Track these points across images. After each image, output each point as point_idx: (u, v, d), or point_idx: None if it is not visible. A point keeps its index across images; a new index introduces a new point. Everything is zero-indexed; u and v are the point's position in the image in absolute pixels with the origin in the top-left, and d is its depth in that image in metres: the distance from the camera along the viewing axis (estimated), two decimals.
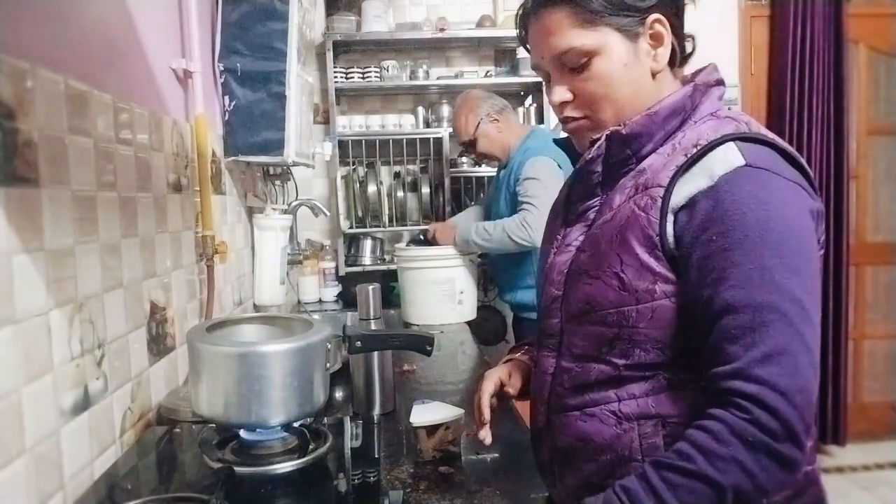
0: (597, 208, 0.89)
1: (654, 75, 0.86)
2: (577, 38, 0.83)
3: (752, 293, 0.71)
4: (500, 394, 1.03)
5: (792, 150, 0.79)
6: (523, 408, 1.06)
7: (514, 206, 2.26)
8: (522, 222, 2.15)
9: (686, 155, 0.79)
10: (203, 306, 1.70)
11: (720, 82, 0.88)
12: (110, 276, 1.16)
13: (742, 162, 0.75)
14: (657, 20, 0.84)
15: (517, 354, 1.08)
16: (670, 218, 0.77)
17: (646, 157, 0.85)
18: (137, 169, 1.30)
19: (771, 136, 0.80)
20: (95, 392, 1.09)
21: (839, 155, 3.24)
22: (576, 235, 0.91)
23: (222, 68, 1.93)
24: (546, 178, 2.17)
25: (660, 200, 0.78)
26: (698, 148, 0.78)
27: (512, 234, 2.17)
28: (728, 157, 0.76)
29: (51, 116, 0.97)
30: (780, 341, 0.69)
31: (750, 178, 0.74)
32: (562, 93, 0.88)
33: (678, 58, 0.88)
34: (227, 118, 1.95)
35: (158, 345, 1.38)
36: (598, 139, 0.86)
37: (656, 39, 0.85)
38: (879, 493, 2.93)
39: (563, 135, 0.97)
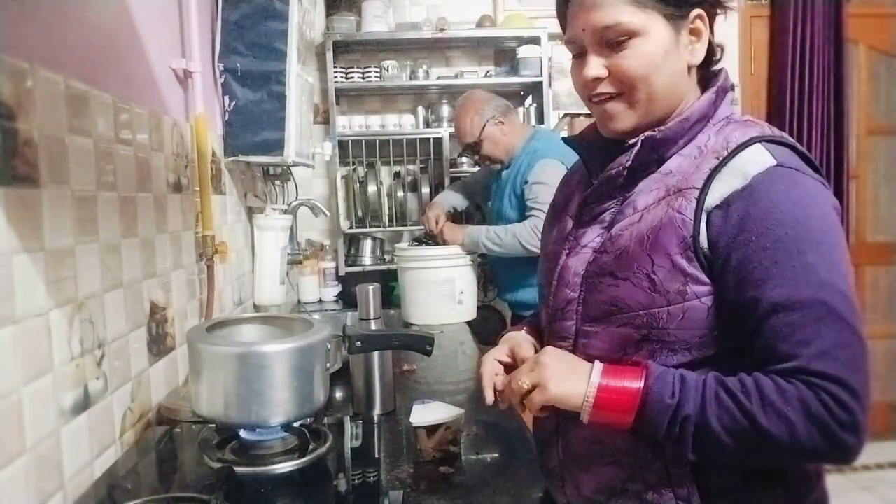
0: (614, 210, 0.88)
1: (689, 71, 0.87)
2: (626, 14, 0.81)
3: (798, 290, 0.72)
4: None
5: (806, 152, 0.82)
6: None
7: (521, 209, 2.25)
8: (534, 229, 2.13)
9: (717, 157, 0.80)
10: (203, 306, 1.70)
11: (732, 87, 0.90)
12: (110, 276, 1.16)
13: (773, 162, 0.77)
14: (699, 16, 0.84)
15: (518, 331, 1.03)
16: (704, 219, 0.78)
17: (667, 159, 0.85)
18: (137, 169, 1.30)
19: (790, 139, 0.83)
20: (95, 392, 1.09)
21: (839, 155, 3.24)
22: (592, 237, 0.89)
23: (222, 68, 1.93)
24: (554, 182, 2.15)
25: (695, 201, 0.79)
26: (728, 150, 0.80)
27: (523, 240, 2.16)
28: (759, 158, 0.78)
29: (51, 116, 0.97)
30: (835, 336, 0.71)
31: (782, 178, 0.76)
32: (598, 67, 0.85)
33: (707, 59, 0.89)
34: (227, 118, 1.95)
35: (158, 345, 1.38)
36: (634, 144, 0.85)
37: (696, 35, 0.85)
38: (880, 493, 2.93)
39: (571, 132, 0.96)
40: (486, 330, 2.83)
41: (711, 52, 0.89)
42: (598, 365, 0.80)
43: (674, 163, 0.85)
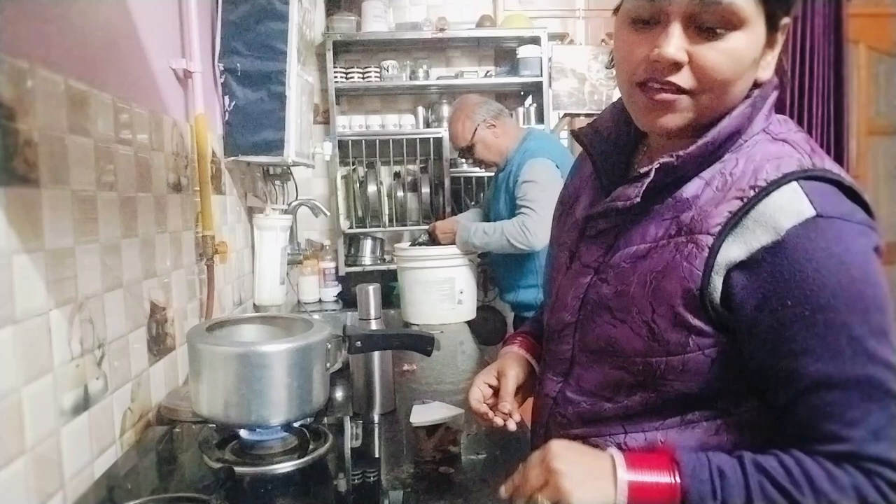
0: (616, 232, 0.80)
1: (756, 86, 0.74)
2: (741, 5, 0.67)
3: (844, 367, 0.64)
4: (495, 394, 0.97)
5: (854, 183, 0.70)
6: (524, 408, 1.06)
7: (514, 208, 2.26)
8: (522, 227, 2.15)
9: (742, 199, 0.68)
10: (203, 306, 1.70)
11: (776, 88, 0.76)
12: (110, 276, 1.16)
13: (812, 213, 0.65)
14: (786, 25, 0.72)
15: (513, 348, 1.02)
16: (719, 274, 0.69)
17: (686, 181, 0.75)
18: (137, 169, 1.30)
19: (836, 170, 0.70)
20: (95, 392, 1.09)
21: (839, 155, 3.24)
22: (595, 256, 0.82)
23: (222, 68, 1.93)
24: (544, 181, 2.17)
25: (707, 251, 0.69)
26: (757, 189, 0.68)
27: (511, 238, 2.17)
28: (795, 207, 0.66)
29: (51, 116, 0.97)
30: (885, 415, 0.64)
31: (823, 233, 0.65)
32: (679, 49, 0.68)
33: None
34: (227, 118, 1.95)
35: (158, 345, 1.38)
36: (648, 171, 0.74)
37: (772, 45, 0.73)
38: None
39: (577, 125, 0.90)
40: (485, 330, 2.84)
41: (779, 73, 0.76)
42: (618, 457, 0.69)
43: (692, 188, 0.74)
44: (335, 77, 2.86)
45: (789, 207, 0.66)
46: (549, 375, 0.88)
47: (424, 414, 1.11)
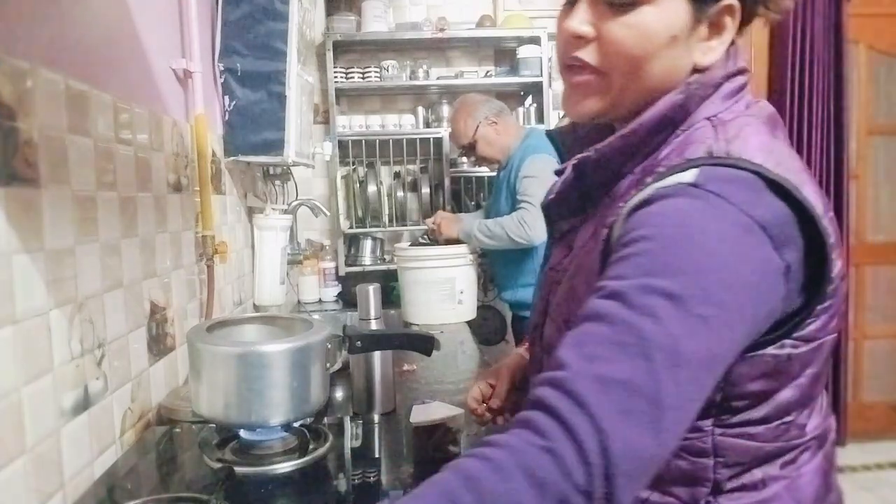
0: (574, 233, 0.79)
1: (695, 70, 0.69)
2: None
3: (620, 305, 0.55)
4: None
5: (788, 181, 0.60)
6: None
7: (514, 204, 2.27)
8: (521, 221, 2.17)
9: (641, 186, 0.64)
10: (203, 306, 1.70)
11: (736, 73, 0.71)
12: (110, 276, 1.16)
13: (690, 180, 0.60)
14: (729, 7, 0.68)
15: (520, 348, 1.04)
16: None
17: (625, 176, 0.70)
18: (137, 169, 1.30)
19: (761, 158, 0.61)
20: (95, 392, 1.09)
21: (839, 155, 3.24)
22: (559, 258, 0.81)
23: (222, 68, 1.93)
24: (544, 176, 2.18)
25: (601, 244, 0.66)
26: (653, 177, 0.63)
27: (511, 232, 2.19)
28: (678, 177, 0.61)
29: (51, 116, 0.97)
30: (628, 368, 0.53)
31: (687, 200, 0.59)
32: (582, 22, 0.68)
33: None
34: (227, 118, 1.95)
35: (158, 345, 1.38)
36: (565, 168, 0.73)
37: (717, 29, 0.69)
38: (880, 494, 2.93)
39: (561, 123, 0.87)
40: (486, 330, 2.84)
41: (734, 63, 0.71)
42: None
43: (624, 184, 0.69)
44: (335, 77, 2.86)
45: (672, 178, 0.61)
46: (530, 377, 0.89)
47: (424, 414, 1.11)
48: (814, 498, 0.69)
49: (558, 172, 0.80)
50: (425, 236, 2.53)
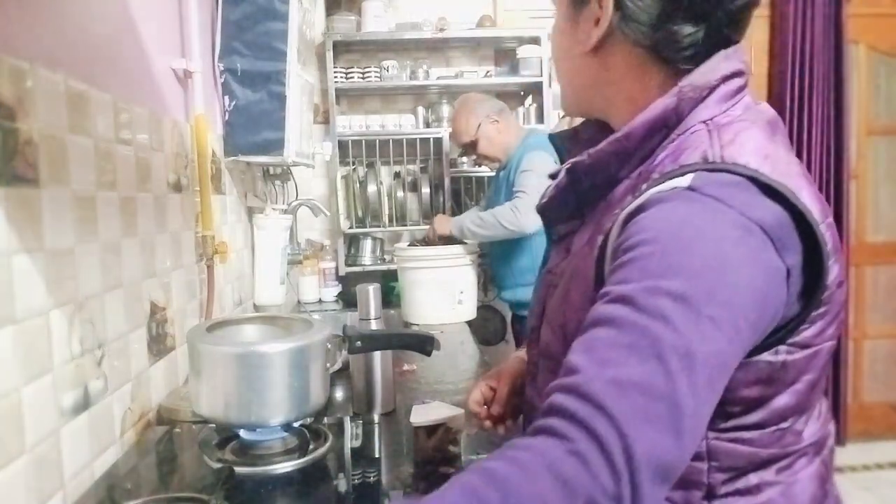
0: (572, 236, 0.79)
1: (595, 54, 0.71)
2: None
3: (629, 308, 0.55)
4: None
5: (783, 186, 0.59)
6: None
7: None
8: (512, 208, 2.19)
9: (635, 195, 0.64)
10: (203, 306, 1.70)
11: (732, 75, 0.69)
12: (110, 276, 1.16)
13: (685, 184, 0.59)
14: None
15: (521, 351, 1.03)
16: (609, 265, 0.64)
17: (622, 181, 0.71)
18: (137, 169, 1.30)
19: (756, 163, 0.60)
20: (95, 392, 1.09)
21: (839, 155, 3.24)
22: (556, 261, 0.81)
23: (222, 68, 1.93)
24: (540, 171, 2.20)
25: (597, 250, 0.66)
26: (648, 183, 0.63)
27: (502, 219, 2.20)
28: (673, 182, 0.60)
29: (51, 116, 0.97)
30: (639, 371, 0.52)
31: (684, 203, 0.58)
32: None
33: (652, 49, 0.69)
34: (227, 118, 1.95)
35: (158, 345, 1.38)
36: (559, 171, 0.75)
37: (596, 21, 0.70)
38: (879, 493, 2.93)
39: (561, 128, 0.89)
40: (486, 330, 2.84)
41: (674, 37, 0.68)
42: None
43: (620, 189, 0.70)
44: (335, 77, 2.86)
45: (668, 184, 0.61)
46: (527, 380, 0.88)
47: (424, 414, 1.11)
48: None
49: (553, 176, 0.80)
50: (419, 242, 2.55)
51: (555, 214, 0.81)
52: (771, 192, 0.59)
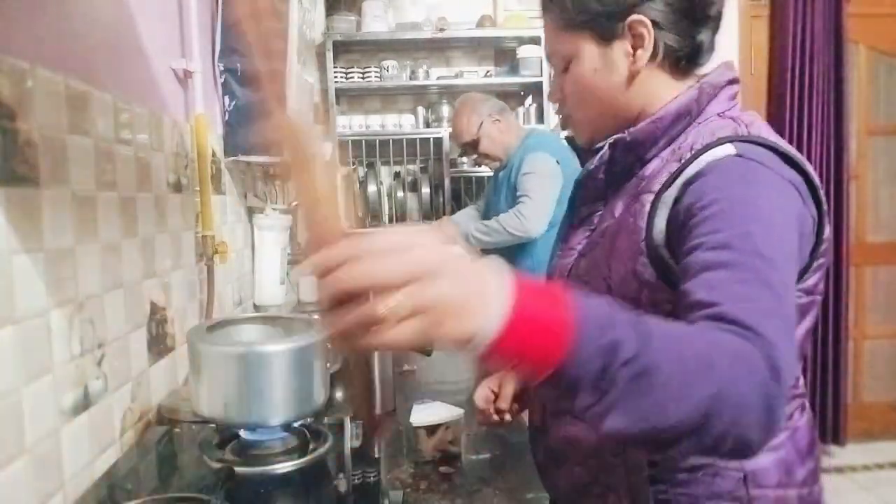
0: (600, 213, 0.88)
1: (633, 77, 0.83)
2: (558, 42, 0.86)
3: (721, 254, 0.65)
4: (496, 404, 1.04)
5: (796, 155, 0.74)
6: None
7: (514, 203, 2.28)
8: (517, 213, 2.19)
9: (680, 160, 0.76)
10: (203, 306, 1.70)
11: (733, 81, 0.84)
12: (110, 276, 1.16)
13: (734, 152, 0.72)
14: (637, 21, 0.80)
15: None
16: (659, 222, 0.75)
17: (650, 161, 0.82)
18: (137, 169, 1.30)
19: (773, 138, 0.75)
20: (95, 392, 1.09)
21: (839, 155, 3.24)
22: (579, 239, 0.90)
23: (222, 68, 1.93)
24: (542, 173, 2.20)
25: (648, 206, 0.76)
26: (693, 151, 0.76)
27: (508, 226, 2.20)
28: (722, 149, 0.73)
29: (51, 116, 0.97)
30: (750, 290, 0.63)
31: (738, 166, 0.71)
32: (554, 90, 0.91)
33: (677, 58, 0.83)
34: (227, 118, 1.95)
35: (158, 345, 1.38)
36: (602, 147, 0.85)
37: (638, 39, 0.81)
38: (879, 493, 2.93)
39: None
40: None
41: (689, 47, 0.82)
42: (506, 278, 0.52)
43: (651, 166, 0.82)
44: (335, 77, 2.87)
45: (718, 150, 0.73)
46: None
47: (424, 414, 1.11)
48: (808, 451, 0.81)
49: (594, 151, 0.88)
50: None
51: (583, 196, 0.91)
52: (787, 160, 0.73)
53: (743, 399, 0.54)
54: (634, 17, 0.80)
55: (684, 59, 0.83)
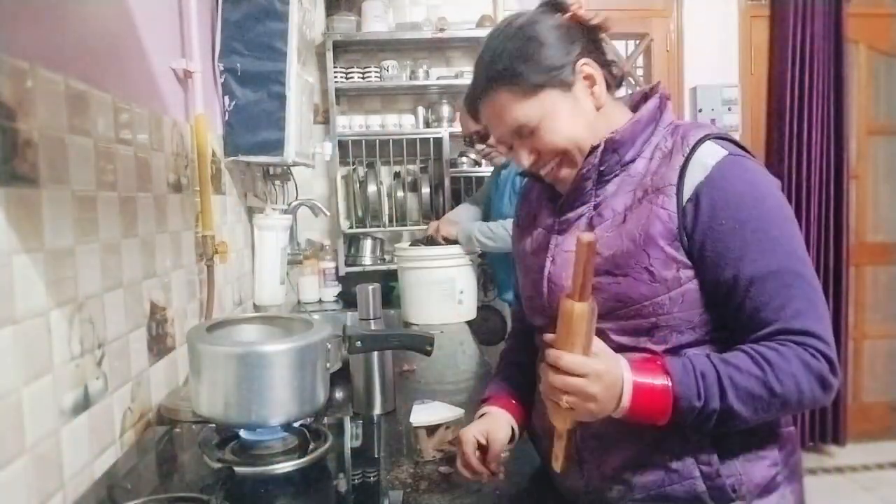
0: (588, 214, 0.94)
1: (599, 109, 0.95)
2: (523, 111, 0.92)
3: (769, 262, 0.83)
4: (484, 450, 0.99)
5: (740, 142, 0.93)
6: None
7: None
8: None
9: (683, 154, 0.89)
10: (203, 306, 1.70)
11: (668, 97, 0.99)
12: (110, 276, 1.16)
13: (725, 152, 0.88)
14: (585, 64, 0.93)
15: (491, 408, 1.05)
16: (681, 211, 0.87)
17: (630, 161, 0.93)
18: (137, 169, 1.30)
19: (729, 135, 0.93)
20: (95, 392, 1.09)
21: (839, 155, 3.24)
22: (573, 242, 0.89)
23: (222, 68, 1.93)
24: None
25: (675, 196, 0.87)
26: (690, 146, 0.89)
27: (512, 231, 2.19)
28: (714, 150, 0.88)
29: (51, 116, 0.97)
30: (802, 296, 0.83)
31: (736, 164, 0.87)
32: (527, 157, 0.96)
33: (612, 84, 0.97)
34: (227, 118, 1.95)
35: (158, 345, 1.38)
36: (595, 149, 0.92)
37: (589, 80, 0.93)
38: (880, 493, 2.93)
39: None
40: (486, 330, 2.83)
41: (613, 74, 0.97)
42: (623, 361, 0.83)
43: (640, 165, 0.93)
44: (335, 77, 2.86)
45: (711, 152, 0.88)
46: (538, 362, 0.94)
47: (424, 414, 1.11)
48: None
49: (591, 150, 0.96)
50: (422, 242, 2.53)
51: (570, 201, 0.97)
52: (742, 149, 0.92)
53: (803, 397, 0.82)
54: (582, 60, 0.93)
55: (614, 85, 0.99)
